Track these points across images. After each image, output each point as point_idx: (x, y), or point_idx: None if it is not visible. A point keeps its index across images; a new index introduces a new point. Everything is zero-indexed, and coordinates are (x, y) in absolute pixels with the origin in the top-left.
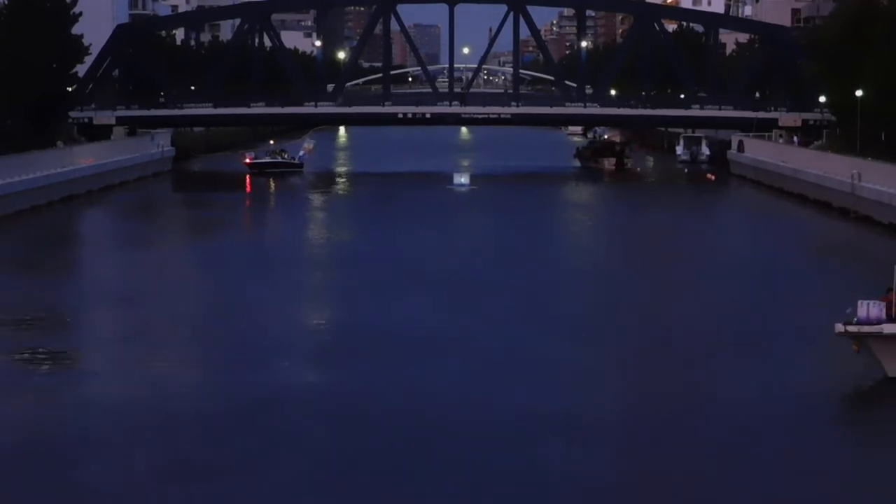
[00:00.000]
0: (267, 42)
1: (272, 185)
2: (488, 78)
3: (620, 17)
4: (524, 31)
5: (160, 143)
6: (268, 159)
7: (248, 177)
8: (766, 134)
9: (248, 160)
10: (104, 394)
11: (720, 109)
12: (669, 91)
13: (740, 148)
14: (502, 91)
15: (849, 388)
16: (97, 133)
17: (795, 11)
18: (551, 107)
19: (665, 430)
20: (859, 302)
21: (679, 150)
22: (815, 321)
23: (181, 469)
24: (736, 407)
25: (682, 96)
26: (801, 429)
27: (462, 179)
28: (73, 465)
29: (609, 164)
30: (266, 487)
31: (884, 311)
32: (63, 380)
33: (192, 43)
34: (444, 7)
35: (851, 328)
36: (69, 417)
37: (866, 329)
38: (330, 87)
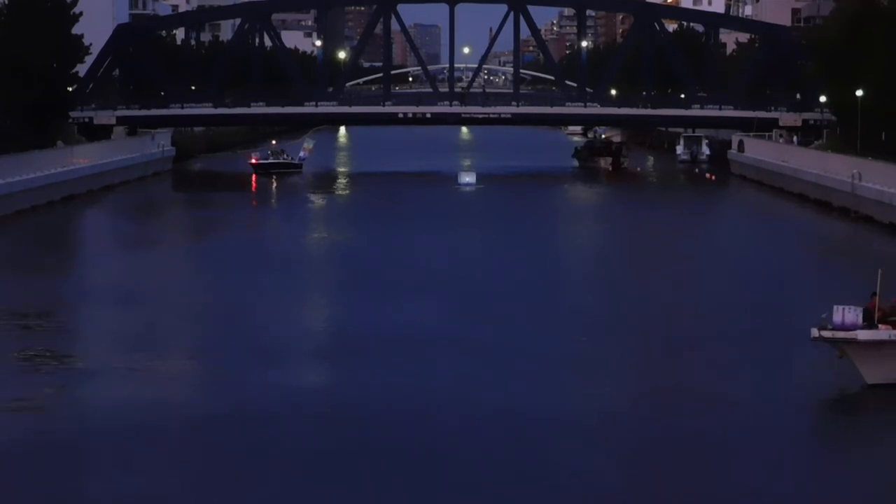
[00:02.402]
0: (267, 42)
1: (275, 185)
2: (489, 78)
3: (620, 17)
4: (524, 31)
5: (160, 143)
6: (271, 160)
7: (253, 176)
8: (767, 134)
9: (253, 160)
10: (104, 394)
11: (720, 109)
12: (669, 91)
13: (740, 148)
14: (503, 91)
15: (827, 395)
16: (97, 133)
17: (795, 11)
18: (551, 107)
19: (649, 430)
20: (835, 307)
21: (679, 149)
22: (809, 323)
23: (181, 470)
24: (715, 411)
25: (682, 96)
26: (773, 436)
27: (468, 179)
28: (73, 466)
29: (605, 163)
30: (266, 490)
31: (860, 316)
32: (63, 380)
33: (193, 43)
34: (445, 7)
35: (826, 333)
36: (68, 418)
37: (841, 335)
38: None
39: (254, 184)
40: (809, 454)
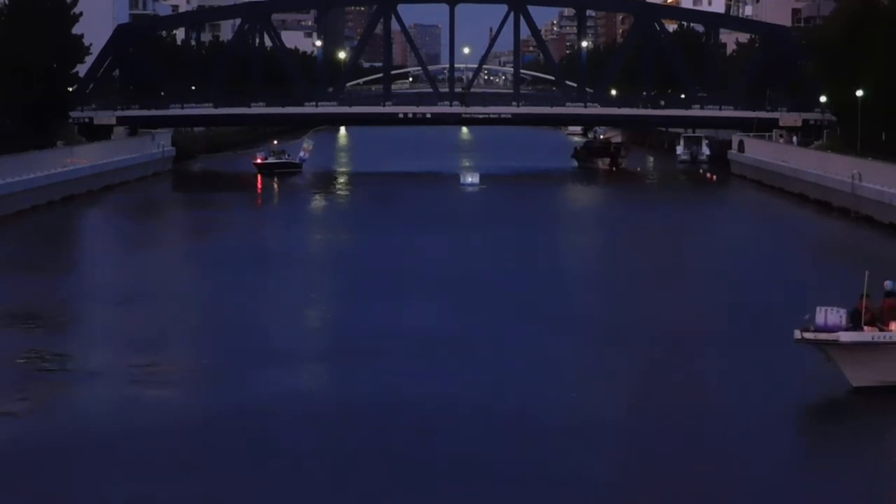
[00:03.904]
0: (267, 42)
1: (276, 185)
2: (489, 78)
3: (620, 17)
4: (524, 31)
5: (160, 143)
6: (273, 160)
7: (259, 177)
8: (767, 134)
9: (258, 160)
10: (103, 394)
11: (720, 109)
12: (669, 91)
13: (741, 148)
14: (503, 91)
15: (810, 399)
16: (98, 133)
17: (795, 11)
18: (551, 107)
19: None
20: (817, 308)
21: (679, 150)
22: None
23: (181, 472)
24: (701, 414)
25: (683, 96)
26: (757, 440)
27: (471, 179)
28: (72, 467)
29: (603, 164)
30: (268, 493)
31: (843, 318)
32: (63, 380)
33: (193, 43)
34: (445, 7)
35: (808, 335)
36: (68, 418)
37: (822, 336)
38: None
39: (259, 184)
40: (788, 459)
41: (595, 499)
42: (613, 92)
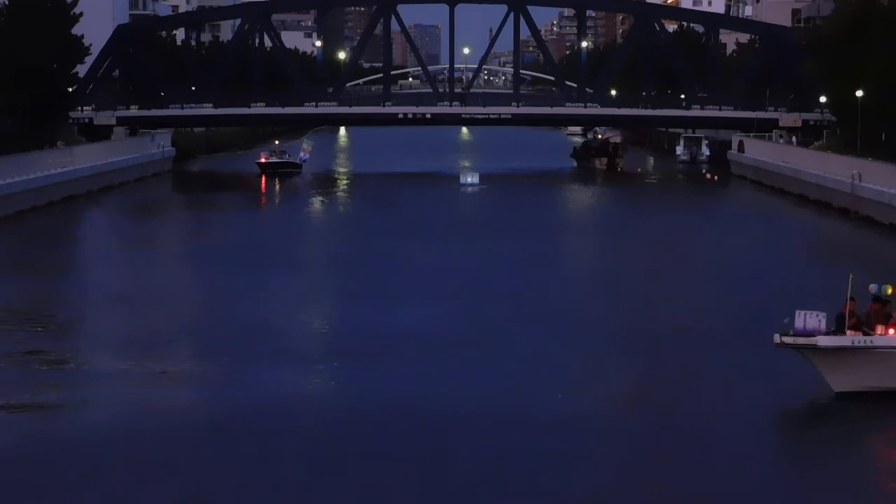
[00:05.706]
0: (267, 42)
1: (277, 185)
2: (489, 78)
3: (620, 17)
4: (524, 32)
5: (160, 144)
6: (274, 160)
7: (263, 177)
8: (767, 134)
9: (262, 160)
10: (103, 396)
11: (720, 110)
12: (669, 91)
13: (741, 148)
14: (503, 91)
15: (790, 404)
16: (98, 133)
17: (795, 11)
18: (551, 107)
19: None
20: (797, 312)
21: (679, 150)
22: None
23: (182, 474)
24: (684, 418)
25: (683, 96)
26: (737, 445)
27: (471, 179)
28: (70, 468)
29: (601, 163)
30: (268, 496)
31: (822, 322)
32: (62, 381)
33: (193, 43)
34: (445, 7)
35: (787, 339)
36: (67, 420)
37: (801, 341)
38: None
39: (263, 184)
40: (765, 466)
41: (592, 498)
42: (613, 92)
